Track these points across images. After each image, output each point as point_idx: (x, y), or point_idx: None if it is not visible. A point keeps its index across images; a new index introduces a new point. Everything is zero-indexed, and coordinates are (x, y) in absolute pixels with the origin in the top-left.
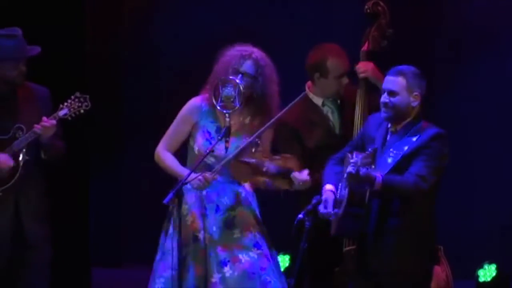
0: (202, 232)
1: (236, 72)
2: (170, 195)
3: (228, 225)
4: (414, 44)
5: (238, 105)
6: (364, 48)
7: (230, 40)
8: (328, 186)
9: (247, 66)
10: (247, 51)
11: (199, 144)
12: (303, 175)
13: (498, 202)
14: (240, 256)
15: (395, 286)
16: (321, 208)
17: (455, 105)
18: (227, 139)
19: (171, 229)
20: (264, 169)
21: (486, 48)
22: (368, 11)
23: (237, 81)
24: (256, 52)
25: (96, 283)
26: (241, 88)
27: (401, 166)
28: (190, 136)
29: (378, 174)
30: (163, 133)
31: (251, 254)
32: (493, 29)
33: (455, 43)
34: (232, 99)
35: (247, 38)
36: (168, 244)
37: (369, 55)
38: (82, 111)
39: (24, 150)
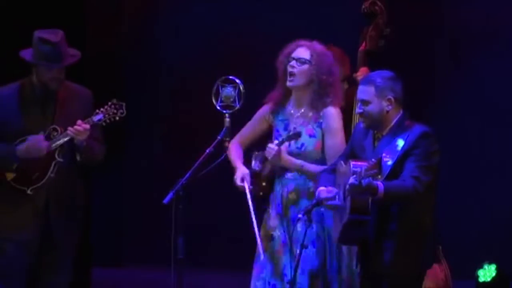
0: (276, 231)
1: (289, 58)
2: (170, 195)
3: (294, 221)
4: (414, 44)
5: (238, 105)
6: (362, 48)
7: (230, 40)
8: (321, 188)
9: (300, 51)
10: (304, 41)
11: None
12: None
13: (498, 202)
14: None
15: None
16: (322, 193)
17: (455, 104)
18: (227, 139)
19: (262, 233)
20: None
21: (486, 48)
22: (365, 10)
23: (237, 81)
24: (314, 43)
25: (96, 283)
26: (241, 88)
27: (395, 169)
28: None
29: (379, 183)
30: (163, 132)
31: (306, 251)
32: (494, 29)
33: (455, 43)
34: (232, 99)
35: (247, 38)
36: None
37: (367, 55)
38: (117, 118)
39: (57, 151)
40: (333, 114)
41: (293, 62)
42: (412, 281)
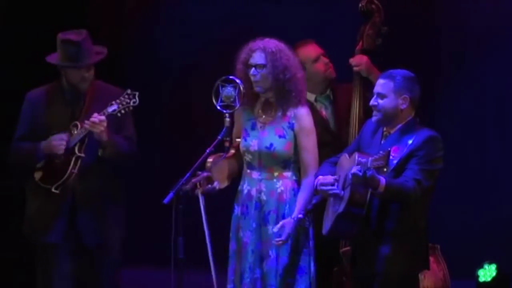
0: (240, 231)
1: (248, 66)
2: (170, 195)
3: (264, 221)
4: (412, 43)
5: (238, 105)
6: (359, 46)
7: (230, 40)
8: (320, 176)
9: (256, 56)
10: (256, 44)
11: (241, 143)
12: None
13: (498, 202)
14: (270, 252)
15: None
16: (321, 181)
17: (456, 104)
18: (227, 139)
19: (231, 233)
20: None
21: (487, 48)
22: (362, 9)
23: (238, 81)
24: (266, 42)
25: None
26: (242, 88)
27: (398, 168)
28: None
29: (382, 177)
30: (163, 132)
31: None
32: (495, 28)
33: (454, 42)
34: (232, 99)
35: (246, 38)
36: (231, 247)
37: (364, 53)
38: (131, 107)
39: (77, 146)
40: (304, 115)
41: (253, 70)
42: (403, 283)
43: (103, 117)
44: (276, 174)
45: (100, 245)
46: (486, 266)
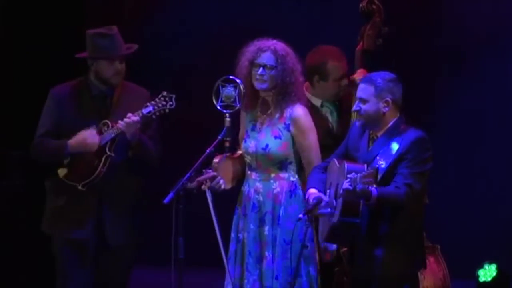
0: (242, 232)
1: (255, 65)
2: (170, 195)
3: (261, 222)
4: (414, 44)
5: (238, 105)
6: (359, 47)
7: (230, 40)
8: (312, 190)
9: (265, 57)
10: (265, 44)
11: (241, 145)
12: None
13: (498, 202)
14: (267, 253)
15: None
16: (311, 197)
17: (455, 104)
18: (227, 139)
19: (232, 234)
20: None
21: (487, 49)
22: (363, 9)
23: (238, 81)
24: (275, 44)
25: None
26: (242, 88)
27: (388, 173)
28: None
29: (373, 188)
30: (163, 132)
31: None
32: (495, 29)
33: (455, 43)
34: (232, 99)
35: (247, 37)
36: (231, 248)
37: (364, 54)
38: (167, 110)
39: (108, 145)
40: (301, 115)
41: (261, 70)
42: (401, 283)
43: (137, 118)
44: (272, 175)
45: (123, 245)
46: (486, 266)
